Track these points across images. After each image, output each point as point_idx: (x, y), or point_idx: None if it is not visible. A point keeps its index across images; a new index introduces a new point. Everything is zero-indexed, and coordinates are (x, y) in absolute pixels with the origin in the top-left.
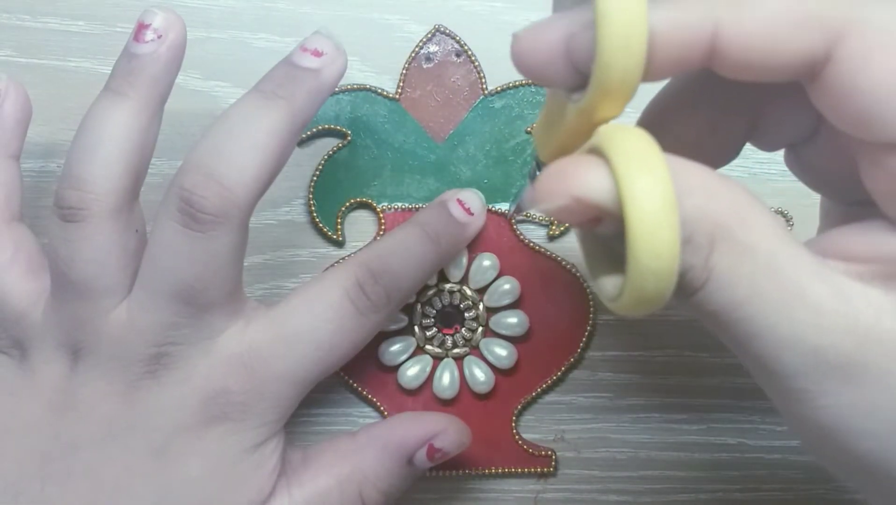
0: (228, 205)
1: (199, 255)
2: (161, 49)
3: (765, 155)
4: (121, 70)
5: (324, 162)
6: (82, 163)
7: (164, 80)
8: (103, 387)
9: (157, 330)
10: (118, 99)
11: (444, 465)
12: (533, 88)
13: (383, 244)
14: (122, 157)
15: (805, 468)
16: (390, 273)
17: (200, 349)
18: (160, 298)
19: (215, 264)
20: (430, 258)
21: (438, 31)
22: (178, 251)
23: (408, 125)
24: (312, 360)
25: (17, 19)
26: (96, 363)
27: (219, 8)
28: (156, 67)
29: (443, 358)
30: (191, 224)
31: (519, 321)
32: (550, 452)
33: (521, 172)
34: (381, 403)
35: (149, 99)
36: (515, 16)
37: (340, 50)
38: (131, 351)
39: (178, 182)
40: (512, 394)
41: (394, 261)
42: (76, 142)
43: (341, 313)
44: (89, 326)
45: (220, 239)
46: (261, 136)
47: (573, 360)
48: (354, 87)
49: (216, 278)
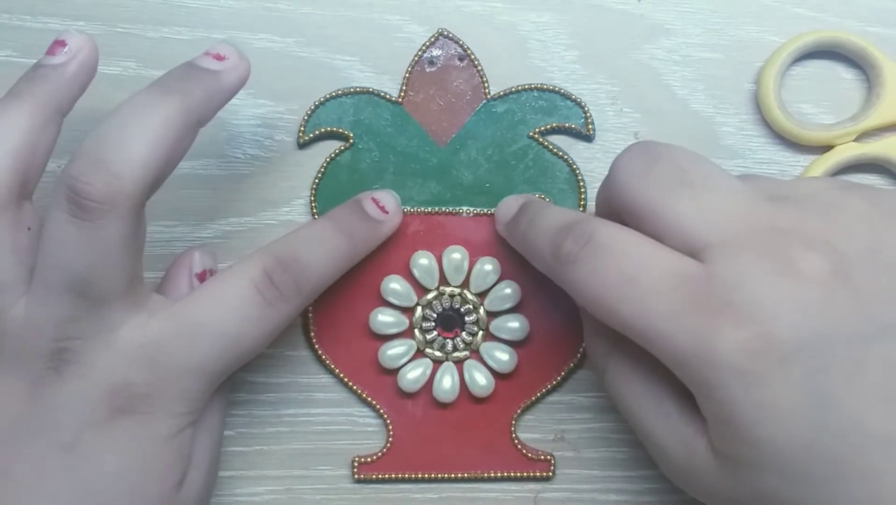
0: (115, 192)
1: (89, 245)
2: (70, 65)
3: (765, 155)
4: (25, 77)
5: (326, 164)
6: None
7: (65, 92)
8: (7, 385)
9: (56, 324)
10: (14, 100)
11: (442, 469)
12: (536, 93)
13: (293, 235)
14: (9, 154)
15: None
16: (300, 263)
17: (101, 343)
18: (55, 292)
19: (106, 254)
20: (343, 250)
21: (442, 35)
22: (67, 242)
23: (410, 129)
24: (218, 351)
25: (18, 19)
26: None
27: (219, 8)
28: (59, 78)
29: (443, 362)
30: (77, 213)
31: (520, 326)
32: (549, 456)
33: (522, 177)
34: (380, 406)
35: (45, 104)
36: (515, 16)
37: (244, 59)
38: (32, 347)
39: (66, 170)
40: (511, 398)
41: (303, 251)
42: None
43: (247, 304)
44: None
45: (108, 228)
46: (152, 125)
47: (572, 365)
48: (357, 90)
49: (109, 269)
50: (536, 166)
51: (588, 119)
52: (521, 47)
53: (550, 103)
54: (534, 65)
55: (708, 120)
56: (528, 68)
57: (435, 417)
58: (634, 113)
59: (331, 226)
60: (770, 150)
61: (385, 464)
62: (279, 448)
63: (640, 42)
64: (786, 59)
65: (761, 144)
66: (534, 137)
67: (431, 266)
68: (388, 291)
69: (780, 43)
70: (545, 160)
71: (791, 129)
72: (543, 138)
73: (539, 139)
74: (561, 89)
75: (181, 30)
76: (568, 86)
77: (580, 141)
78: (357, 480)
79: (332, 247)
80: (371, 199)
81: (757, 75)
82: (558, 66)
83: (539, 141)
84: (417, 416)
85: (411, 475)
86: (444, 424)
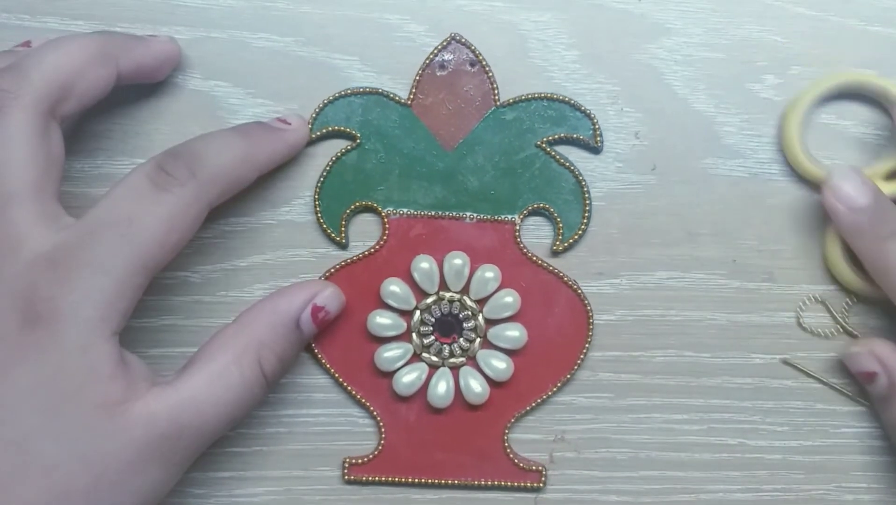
0: (21, 80)
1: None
2: (146, 38)
3: (766, 155)
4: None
5: (332, 163)
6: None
7: (128, 48)
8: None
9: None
10: (81, 35)
11: (433, 474)
12: (545, 103)
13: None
14: (53, 66)
15: (806, 468)
16: (191, 151)
17: (6, 250)
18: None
19: (8, 145)
20: (238, 146)
21: (454, 39)
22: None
23: (418, 131)
24: (116, 242)
25: (17, 19)
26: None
27: (219, 7)
28: (128, 37)
29: (439, 367)
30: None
31: (519, 335)
32: (541, 467)
33: (528, 186)
34: (374, 408)
35: (105, 44)
36: (516, 15)
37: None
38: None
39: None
40: (505, 407)
41: (195, 143)
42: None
43: (140, 192)
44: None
45: (12, 117)
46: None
47: (568, 376)
48: (366, 90)
49: (11, 162)
50: (543, 176)
51: (597, 131)
52: (521, 47)
53: (560, 113)
54: (534, 64)
55: (709, 119)
56: (529, 68)
57: (428, 421)
58: (635, 112)
59: (227, 129)
60: (771, 150)
61: (376, 466)
62: (278, 449)
63: (640, 41)
64: (808, 105)
65: (762, 144)
66: (541, 147)
67: (432, 270)
68: (387, 294)
69: (780, 42)
70: (552, 170)
71: (817, 174)
72: (551, 148)
73: (546, 149)
74: (571, 100)
75: (181, 29)
76: (568, 85)
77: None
78: (347, 481)
79: (227, 141)
80: (276, 119)
81: (779, 121)
82: (559, 65)
83: (546, 150)
84: (411, 420)
85: (402, 479)
86: (438, 430)
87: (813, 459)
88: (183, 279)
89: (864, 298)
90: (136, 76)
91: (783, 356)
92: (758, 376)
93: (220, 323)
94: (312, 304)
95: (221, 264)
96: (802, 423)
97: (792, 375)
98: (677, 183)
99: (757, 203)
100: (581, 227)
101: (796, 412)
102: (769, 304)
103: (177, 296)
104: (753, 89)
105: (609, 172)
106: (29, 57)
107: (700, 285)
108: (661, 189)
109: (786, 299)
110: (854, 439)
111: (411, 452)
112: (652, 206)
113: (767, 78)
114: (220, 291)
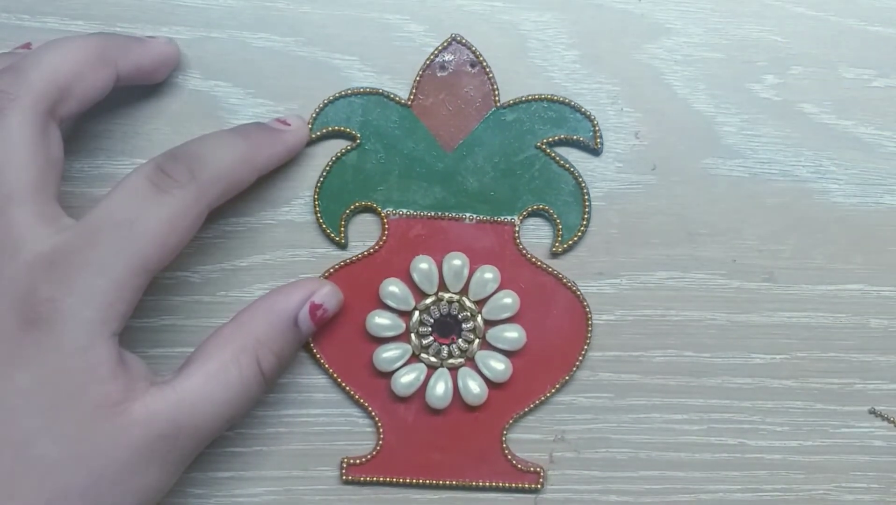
0: (20, 81)
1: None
2: (147, 40)
3: (766, 155)
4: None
5: (331, 163)
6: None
7: (128, 50)
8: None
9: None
10: (83, 36)
11: (431, 475)
12: (546, 104)
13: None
14: (52, 67)
15: (806, 468)
16: (191, 153)
17: (6, 252)
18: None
19: (7, 146)
20: (239, 146)
21: (455, 40)
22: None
23: (418, 132)
24: (117, 243)
25: (17, 19)
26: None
27: (219, 7)
28: (130, 40)
29: (437, 368)
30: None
31: (519, 336)
32: (539, 469)
33: (528, 187)
34: (372, 408)
35: (105, 48)
36: (515, 15)
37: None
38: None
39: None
40: (504, 408)
41: (195, 144)
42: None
43: (140, 193)
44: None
45: (12, 118)
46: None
47: (567, 378)
48: (367, 90)
49: (11, 163)
50: (542, 177)
51: (597, 133)
52: (521, 47)
53: (560, 115)
54: (534, 64)
55: (709, 119)
56: (529, 68)
57: (426, 422)
58: (635, 112)
59: (227, 130)
60: (771, 150)
61: (374, 467)
62: (277, 449)
63: (640, 41)
64: None
65: (762, 144)
66: (541, 148)
67: (431, 271)
68: (386, 294)
69: (780, 42)
70: (551, 171)
71: None
72: (551, 149)
73: (546, 150)
74: (571, 101)
75: (180, 29)
76: (568, 85)
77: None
78: (345, 482)
79: (226, 142)
80: (275, 119)
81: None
82: (559, 65)
83: (546, 152)
84: (409, 420)
85: (400, 479)
86: (436, 431)
87: (813, 459)
88: (183, 279)
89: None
90: (134, 77)
91: (869, 407)
92: (758, 376)
93: (220, 323)
94: (310, 301)
95: (221, 264)
96: (802, 423)
97: (792, 375)
98: (677, 183)
99: (757, 203)
100: (580, 230)
101: (796, 412)
102: (769, 304)
103: (177, 296)
104: (753, 89)
105: (609, 172)
106: (28, 58)
107: (700, 285)
108: (661, 189)
109: (786, 299)
110: (854, 439)
111: (409, 452)
112: (652, 206)
113: (767, 78)
114: (220, 291)
